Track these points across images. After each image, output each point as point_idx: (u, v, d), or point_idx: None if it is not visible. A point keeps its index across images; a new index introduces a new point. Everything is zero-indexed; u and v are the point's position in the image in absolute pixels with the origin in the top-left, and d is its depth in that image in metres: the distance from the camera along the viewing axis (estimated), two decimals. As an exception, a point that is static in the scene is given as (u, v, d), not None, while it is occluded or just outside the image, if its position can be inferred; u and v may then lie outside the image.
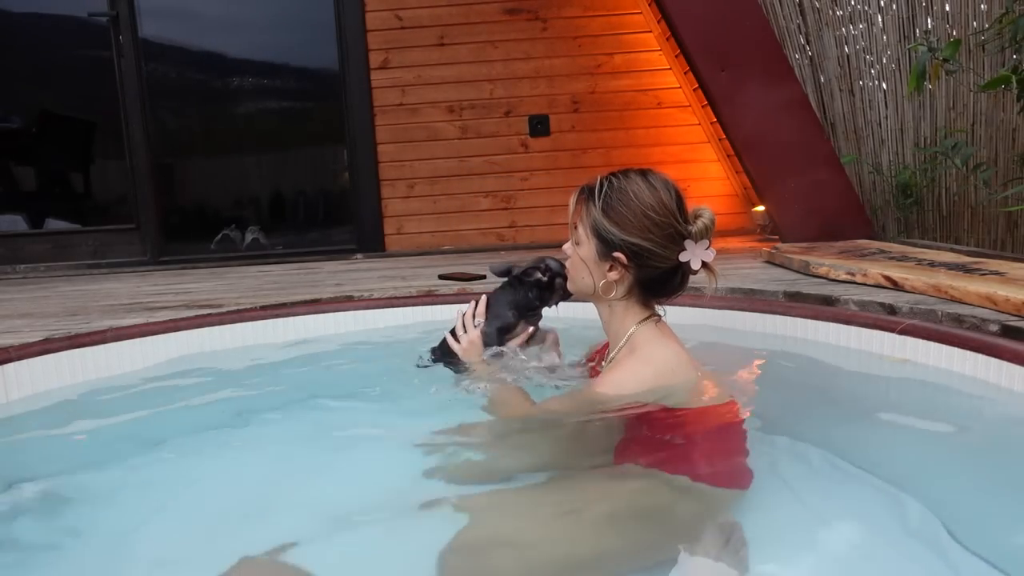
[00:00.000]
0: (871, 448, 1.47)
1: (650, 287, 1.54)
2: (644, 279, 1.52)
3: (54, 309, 2.91)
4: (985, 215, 4.44)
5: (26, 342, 2.22)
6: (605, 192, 1.52)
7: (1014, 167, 4.29)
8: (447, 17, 4.60)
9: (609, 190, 1.52)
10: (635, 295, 1.55)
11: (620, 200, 1.51)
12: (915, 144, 4.49)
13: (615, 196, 1.52)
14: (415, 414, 1.68)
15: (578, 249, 1.56)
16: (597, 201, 1.51)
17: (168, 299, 3.01)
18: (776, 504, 1.27)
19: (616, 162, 4.69)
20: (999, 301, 1.98)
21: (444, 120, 4.69)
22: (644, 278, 1.52)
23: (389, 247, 4.73)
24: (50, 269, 4.57)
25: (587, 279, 1.56)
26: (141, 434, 1.68)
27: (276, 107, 5.05)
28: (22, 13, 4.72)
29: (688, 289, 1.57)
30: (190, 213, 4.99)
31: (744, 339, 2.38)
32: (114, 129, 4.65)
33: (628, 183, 1.53)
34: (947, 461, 1.46)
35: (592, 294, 1.58)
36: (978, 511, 1.23)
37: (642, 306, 1.56)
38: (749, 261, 3.33)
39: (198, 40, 4.85)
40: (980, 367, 1.82)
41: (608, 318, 1.60)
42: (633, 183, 1.53)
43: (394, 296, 2.83)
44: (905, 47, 4.42)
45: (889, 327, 2.07)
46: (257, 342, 2.58)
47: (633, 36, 4.65)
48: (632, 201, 1.50)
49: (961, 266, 2.53)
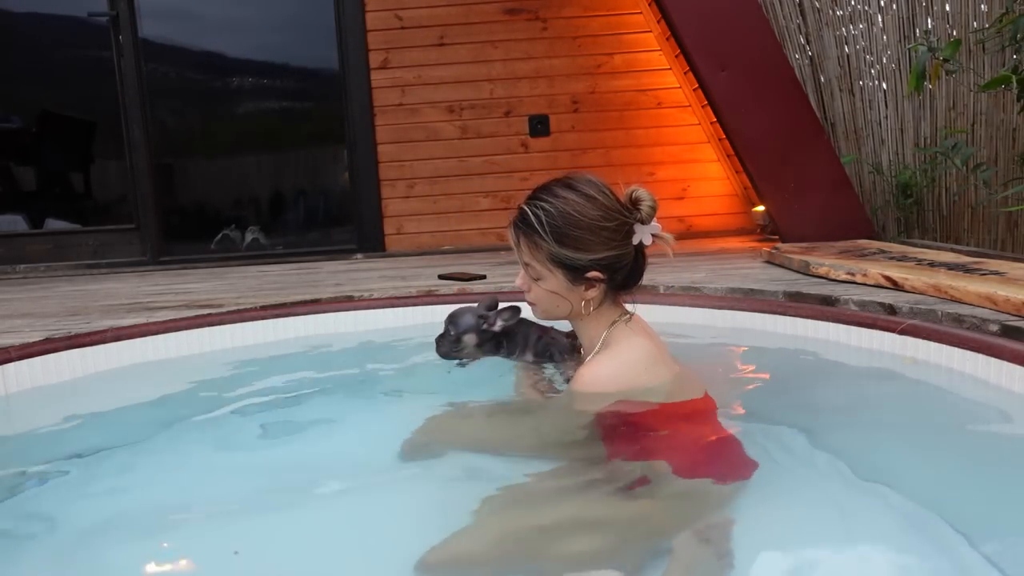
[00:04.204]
0: (869, 448, 1.47)
1: (621, 284, 1.56)
2: (616, 280, 1.54)
3: (54, 309, 2.91)
4: (985, 215, 4.44)
5: (26, 342, 2.22)
6: (547, 222, 1.45)
7: (1014, 167, 4.29)
8: (447, 17, 4.60)
9: (550, 219, 1.45)
10: (607, 298, 1.56)
11: (569, 224, 1.45)
12: (915, 144, 4.49)
13: (561, 222, 1.45)
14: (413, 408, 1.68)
15: (542, 284, 1.53)
16: (545, 234, 1.45)
17: (168, 299, 3.01)
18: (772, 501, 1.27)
19: (616, 162, 4.70)
20: (999, 301, 1.98)
21: (444, 120, 4.69)
22: (616, 279, 1.54)
23: (389, 247, 4.73)
24: (50, 269, 4.57)
25: (563, 306, 1.55)
26: (141, 434, 1.68)
27: (276, 107, 5.05)
28: (22, 13, 4.72)
29: (688, 289, 1.58)
30: (190, 213, 4.99)
31: (744, 339, 2.38)
32: (114, 129, 4.65)
33: (565, 204, 1.46)
34: (947, 461, 1.46)
35: (575, 315, 1.58)
36: (978, 511, 1.22)
37: (613, 306, 1.58)
38: (749, 261, 3.33)
39: (198, 40, 4.85)
40: (980, 367, 1.82)
41: (583, 328, 1.62)
42: (570, 203, 1.46)
43: (394, 296, 2.83)
44: (905, 47, 4.42)
45: (889, 327, 2.07)
46: (257, 342, 2.58)
47: (633, 36, 4.65)
48: (581, 220, 1.45)
49: (961, 266, 2.53)
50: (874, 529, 1.19)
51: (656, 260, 1.62)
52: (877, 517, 1.21)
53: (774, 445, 1.48)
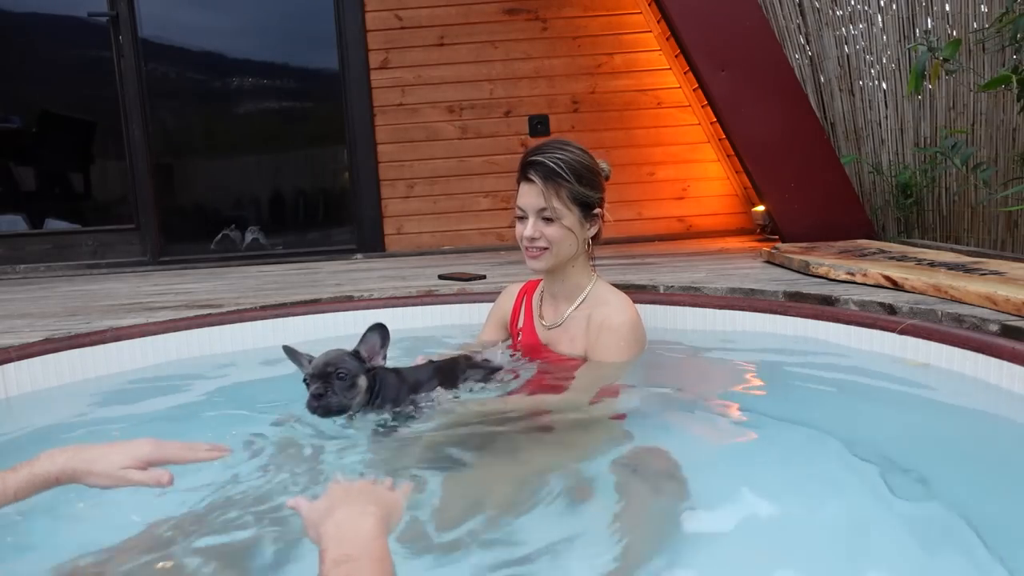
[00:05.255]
0: (868, 447, 1.47)
1: (597, 235, 1.86)
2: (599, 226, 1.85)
3: (54, 309, 2.91)
4: (985, 215, 4.44)
5: (26, 342, 2.22)
6: (566, 167, 1.73)
7: (1014, 167, 4.29)
8: (447, 17, 4.60)
9: (568, 165, 1.74)
10: (589, 248, 1.86)
11: (582, 167, 1.76)
12: (915, 144, 4.49)
13: (577, 166, 1.75)
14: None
15: (563, 221, 1.76)
16: (568, 175, 1.73)
17: (168, 299, 3.01)
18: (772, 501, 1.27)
19: (616, 162, 4.65)
20: (999, 301, 1.98)
21: (444, 120, 4.69)
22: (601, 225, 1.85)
23: (389, 247, 4.73)
24: (50, 269, 4.58)
25: (572, 244, 1.80)
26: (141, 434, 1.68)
27: (276, 107, 5.05)
28: (22, 13, 4.72)
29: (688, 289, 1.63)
30: (190, 213, 4.98)
31: (744, 339, 2.38)
32: (114, 129, 4.65)
33: (573, 154, 1.76)
34: (946, 461, 1.46)
35: (571, 257, 1.82)
36: (978, 511, 1.22)
37: (590, 258, 1.89)
38: (749, 261, 3.33)
39: (198, 40, 4.85)
40: (980, 367, 1.82)
41: (573, 274, 1.85)
42: (576, 153, 1.77)
43: (394, 296, 2.83)
44: (905, 47, 4.42)
45: (889, 327, 2.07)
46: (257, 342, 2.58)
47: (633, 36, 4.65)
48: (589, 165, 1.78)
49: (961, 266, 2.53)
50: (874, 530, 1.19)
51: (656, 260, 1.66)
52: (878, 516, 1.21)
53: (774, 444, 1.48)
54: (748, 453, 1.53)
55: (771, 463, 1.44)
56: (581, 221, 1.79)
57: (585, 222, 1.80)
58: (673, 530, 1.18)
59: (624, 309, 1.81)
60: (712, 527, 1.20)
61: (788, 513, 1.24)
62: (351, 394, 1.55)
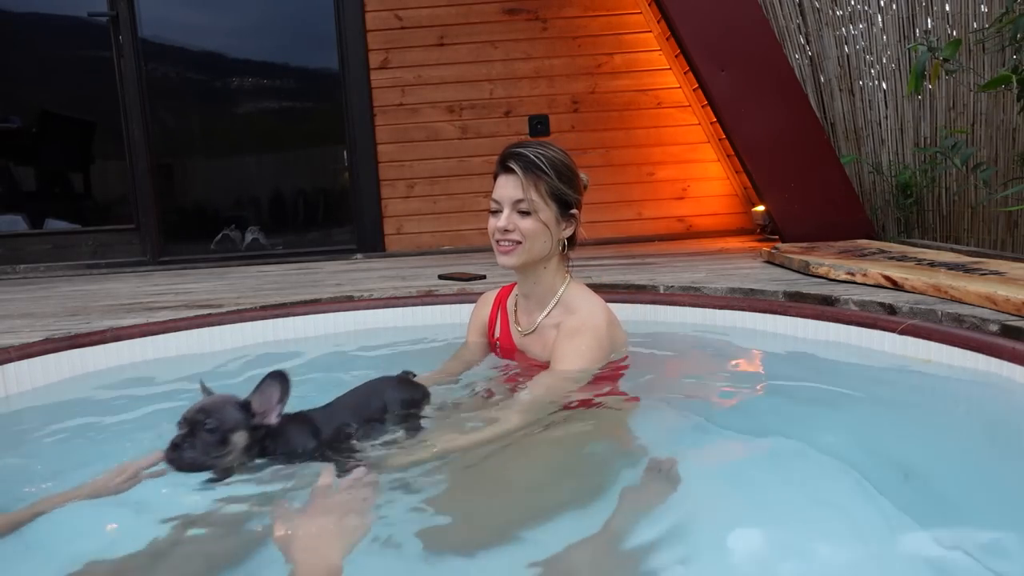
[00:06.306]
0: (867, 447, 1.47)
1: (571, 239, 1.82)
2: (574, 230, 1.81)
3: (54, 309, 2.91)
4: (985, 215, 4.44)
5: (26, 342, 2.22)
6: (547, 163, 1.71)
7: (1014, 167, 4.29)
8: (447, 17, 4.60)
9: (549, 161, 1.72)
10: (563, 250, 1.81)
11: (563, 165, 1.74)
12: (915, 144, 4.49)
13: (558, 163, 1.73)
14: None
15: (539, 215, 1.72)
16: (548, 170, 1.71)
17: (168, 299, 3.01)
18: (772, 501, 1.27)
19: (616, 162, 4.70)
20: (999, 301, 1.98)
21: (444, 120, 4.69)
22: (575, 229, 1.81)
23: (389, 247, 4.74)
24: (50, 269, 4.58)
25: (546, 241, 1.75)
26: (141, 434, 1.68)
27: (276, 107, 5.05)
28: (22, 13, 4.72)
29: (688, 289, 1.61)
30: (190, 213, 4.99)
31: (744, 339, 2.38)
32: (114, 129, 4.66)
33: (555, 152, 1.74)
34: (946, 461, 1.46)
35: (543, 257, 1.77)
36: (977, 510, 1.22)
37: (565, 261, 1.84)
38: (749, 261, 3.33)
39: (198, 40, 4.85)
40: (980, 367, 1.82)
41: (545, 275, 1.81)
42: (556, 151, 1.75)
43: (394, 296, 2.83)
44: (905, 47, 4.42)
45: (889, 327, 2.07)
46: (257, 342, 2.58)
47: (633, 36, 4.65)
48: (568, 164, 1.76)
49: (961, 266, 2.53)
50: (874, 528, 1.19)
51: (656, 260, 1.64)
52: (877, 517, 1.21)
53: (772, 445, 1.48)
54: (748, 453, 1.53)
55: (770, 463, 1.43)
56: (557, 218, 1.75)
57: (561, 220, 1.76)
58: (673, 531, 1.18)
59: (593, 313, 1.75)
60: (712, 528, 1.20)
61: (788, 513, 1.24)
62: (218, 451, 1.26)
